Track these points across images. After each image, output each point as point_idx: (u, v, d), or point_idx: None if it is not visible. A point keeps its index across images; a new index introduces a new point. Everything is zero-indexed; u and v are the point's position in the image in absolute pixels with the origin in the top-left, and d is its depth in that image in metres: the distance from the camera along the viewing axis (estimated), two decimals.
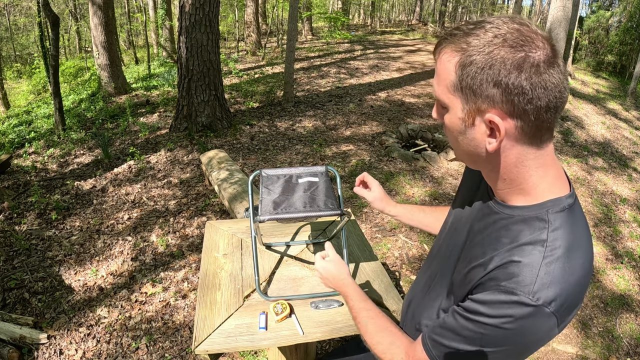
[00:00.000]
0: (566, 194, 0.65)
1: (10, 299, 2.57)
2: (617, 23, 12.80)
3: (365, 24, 22.81)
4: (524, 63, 0.56)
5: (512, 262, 0.61)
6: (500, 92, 0.57)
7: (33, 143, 5.28)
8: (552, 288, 0.58)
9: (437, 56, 0.65)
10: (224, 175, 3.44)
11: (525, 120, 0.58)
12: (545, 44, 0.57)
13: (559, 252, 0.60)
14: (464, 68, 0.60)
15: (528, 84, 0.56)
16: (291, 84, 6.54)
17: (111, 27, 7.41)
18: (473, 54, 0.58)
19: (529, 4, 29.08)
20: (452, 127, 0.67)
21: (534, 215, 0.64)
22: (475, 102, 0.60)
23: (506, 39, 0.57)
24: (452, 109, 0.64)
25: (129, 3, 14.33)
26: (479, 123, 0.62)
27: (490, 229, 0.70)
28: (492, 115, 0.59)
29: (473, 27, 0.60)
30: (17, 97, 13.06)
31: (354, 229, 1.72)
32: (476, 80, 0.59)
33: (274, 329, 1.20)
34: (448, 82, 0.63)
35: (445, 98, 0.65)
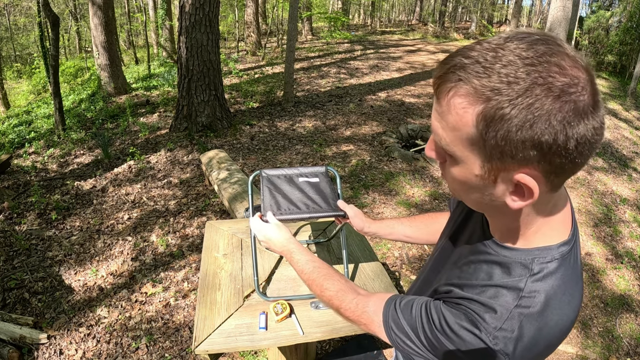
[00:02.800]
0: (561, 241, 0.57)
1: (10, 299, 2.57)
2: (617, 23, 12.80)
3: (365, 24, 22.81)
4: (572, 115, 0.43)
5: (483, 303, 0.57)
6: (539, 153, 0.45)
7: (33, 143, 5.28)
8: (513, 342, 0.53)
9: (442, 94, 0.49)
10: (224, 175, 3.44)
11: (560, 176, 0.48)
12: (587, 78, 0.45)
13: (535, 308, 0.54)
14: (490, 123, 0.45)
15: (574, 142, 0.44)
16: (291, 84, 6.54)
17: (111, 27, 7.41)
18: (504, 105, 0.44)
19: (529, 4, 29.09)
20: (463, 181, 0.55)
21: (519, 260, 0.58)
22: (502, 162, 0.48)
23: (550, 85, 0.43)
24: (465, 163, 0.52)
25: (129, 3, 14.33)
26: (502, 180, 0.51)
27: (474, 259, 0.65)
28: (523, 177, 0.48)
29: (494, 58, 0.45)
30: (17, 97, 13.06)
31: (354, 229, 1.72)
32: (508, 141, 0.45)
33: (274, 329, 1.20)
34: (463, 133, 0.49)
35: (458, 151, 0.52)
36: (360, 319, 0.75)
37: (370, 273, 1.47)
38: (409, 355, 0.65)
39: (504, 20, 22.72)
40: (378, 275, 1.47)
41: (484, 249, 0.64)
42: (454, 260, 0.72)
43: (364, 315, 0.75)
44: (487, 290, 0.58)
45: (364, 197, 3.78)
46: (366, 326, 0.74)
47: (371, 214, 3.53)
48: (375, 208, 3.62)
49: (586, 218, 3.90)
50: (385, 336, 0.69)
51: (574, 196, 4.28)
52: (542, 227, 0.57)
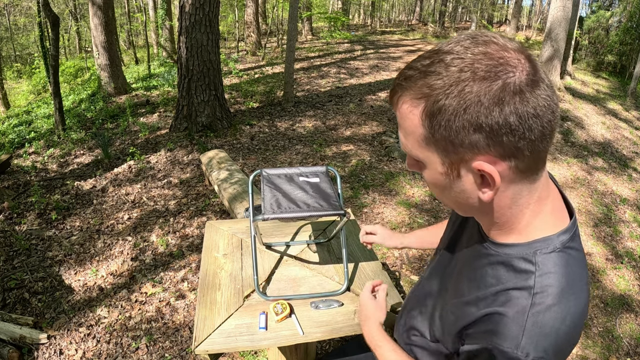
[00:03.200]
0: (560, 230, 0.58)
1: (10, 299, 2.57)
2: (617, 23, 12.80)
3: (365, 24, 22.81)
4: (504, 93, 0.46)
5: (497, 313, 0.56)
6: (484, 136, 0.48)
7: (33, 143, 5.28)
8: (541, 341, 0.52)
9: (395, 106, 0.55)
10: (224, 175, 3.44)
11: (519, 158, 0.50)
12: (520, 58, 0.48)
13: (548, 301, 0.53)
14: (432, 118, 0.50)
15: (515, 118, 0.46)
16: (291, 84, 6.54)
17: (111, 27, 7.41)
18: (440, 98, 0.48)
19: (529, 4, 29.09)
20: (434, 182, 0.58)
21: (521, 256, 0.57)
22: (456, 153, 0.51)
23: (475, 70, 0.47)
24: (430, 164, 0.55)
25: (129, 3, 14.33)
26: (465, 173, 0.53)
27: (477, 264, 0.64)
28: (480, 163, 0.50)
29: (430, 63, 0.50)
30: (17, 97, 13.06)
31: (354, 229, 1.72)
32: (451, 130, 0.49)
33: (274, 329, 1.20)
34: (417, 135, 0.53)
35: (419, 153, 0.55)
36: None
37: (370, 273, 1.47)
38: None
39: (504, 20, 22.72)
40: (378, 275, 1.47)
41: (484, 251, 0.64)
42: (459, 269, 0.71)
43: None
44: (499, 297, 0.57)
45: (364, 197, 3.78)
46: None
47: (371, 214, 3.53)
48: (375, 208, 3.62)
49: (586, 218, 3.90)
50: None
51: (574, 196, 4.28)
52: (533, 220, 0.57)
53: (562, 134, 5.99)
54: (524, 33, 19.86)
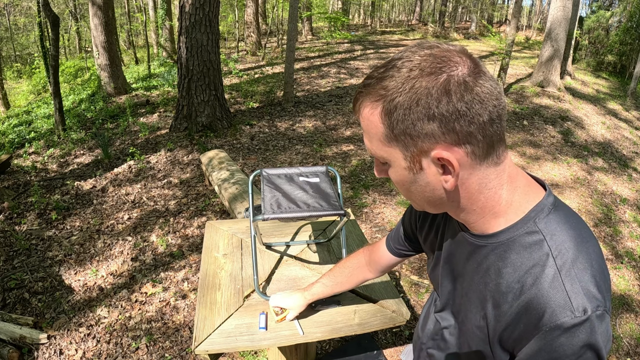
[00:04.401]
0: (543, 195, 0.60)
1: (10, 299, 2.57)
2: (617, 23, 12.81)
3: (365, 24, 22.81)
4: (450, 85, 0.51)
5: (532, 297, 0.54)
6: (437, 124, 0.52)
7: (33, 143, 5.28)
8: (587, 292, 0.52)
9: (357, 113, 0.59)
10: (224, 175, 3.44)
11: (474, 143, 0.53)
12: (462, 57, 0.53)
13: (569, 255, 0.54)
14: (390, 115, 0.54)
15: (462, 104, 0.51)
16: (291, 84, 6.54)
17: (111, 27, 7.41)
18: (394, 96, 0.53)
19: (529, 4, 29.09)
20: (401, 179, 0.60)
21: (523, 231, 0.58)
22: (415, 145, 0.54)
23: (422, 68, 0.52)
24: (394, 162, 0.59)
25: (129, 3, 14.33)
26: (427, 165, 0.56)
27: (486, 265, 0.62)
28: (438, 152, 0.53)
29: (384, 70, 0.55)
30: (17, 97, 13.06)
31: (354, 229, 1.72)
32: (408, 123, 0.53)
33: (274, 329, 1.20)
34: (379, 135, 0.57)
35: (383, 153, 0.59)
36: None
37: None
38: None
39: (504, 20, 22.72)
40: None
41: (484, 251, 0.62)
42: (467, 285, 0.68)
43: None
44: (524, 282, 0.56)
45: (364, 197, 3.78)
46: None
47: (371, 214, 3.53)
48: (375, 208, 3.62)
49: (586, 218, 3.90)
50: None
51: (574, 196, 4.28)
52: (513, 197, 0.59)
53: (562, 134, 5.99)
54: (524, 33, 19.87)
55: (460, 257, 0.70)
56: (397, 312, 1.30)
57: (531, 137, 5.72)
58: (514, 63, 10.30)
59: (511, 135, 5.68)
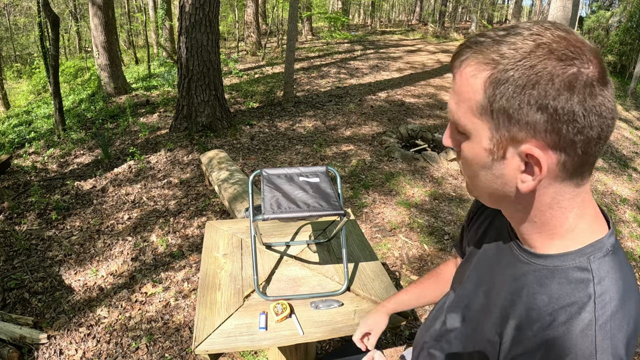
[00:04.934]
0: (606, 233, 0.54)
1: (10, 299, 2.57)
2: (617, 23, 12.81)
3: (365, 24, 22.81)
4: (577, 81, 0.44)
5: (560, 335, 0.51)
6: (545, 118, 0.45)
7: (33, 143, 5.28)
8: (615, 352, 0.49)
9: (456, 69, 0.52)
10: (224, 175, 3.44)
11: (570, 154, 0.47)
12: (594, 57, 0.46)
13: (611, 307, 0.50)
14: (496, 86, 0.47)
15: (581, 108, 0.44)
16: (291, 84, 6.54)
17: (111, 27, 7.42)
18: (509, 67, 0.46)
19: (529, 4, 29.09)
20: (474, 158, 0.54)
21: (574, 265, 0.53)
22: (509, 130, 0.48)
23: (552, 49, 0.45)
24: (476, 137, 0.52)
25: (129, 3, 14.33)
26: (511, 156, 0.50)
27: (521, 283, 0.58)
28: (531, 147, 0.47)
29: (506, 34, 0.48)
30: (17, 97, 13.06)
31: (354, 229, 1.72)
32: (514, 103, 0.46)
33: (274, 329, 1.20)
34: (473, 103, 0.50)
35: (468, 122, 0.52)
36: None
37: (370, 273, 1.47)
38: None
39: (504, 20, 22.73)
40: (378, 275, 1.47)
41: (525, 268, 0.58)
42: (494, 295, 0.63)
43: None
44: (557, 316, 0.52)
45: (364, 197, 3.78)
46: None
47: (371, 214, 3.53)
48: (375, 208, 3.62)
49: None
50: None
51: None
52: (578, 224, 0.54)
53: None
54: None
55: (495, 264, 0.65)
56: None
57: None
58: None
59: None
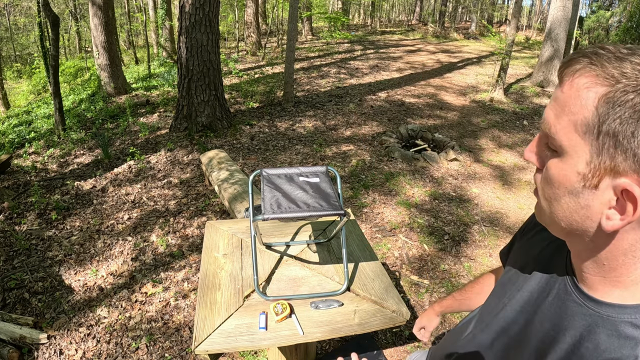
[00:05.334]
0: None
1: (10, 299, 2.57)
2: (617, 23, 12.81)
3: (365, 24, 22.81)
4: None
5: None
6: None
7: (33, 143, 5.28)
8: None
9: (567, 77, 0.47)
10: (224, 175, 3.44)
11: None
12: None
13: None
14: (612, 106, 0.42)
15: None
16: (291, 84, 6.54)
17: (111, 27, 7.42)
18: (630, 89, 0.41)
19: (529, 4, 29.09)
20: (562, 181, 0.49)
21: (629, 319, 0.48)
22: (613, 158, 0.43)
23: None
24: (571, 157, 0.47)
25: (129, 3, 14.33)
26: (604, 187, 0.45)
27: (568, 324, 0.54)
28: (631, 184, 0.43)
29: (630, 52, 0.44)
30: (17, 97, 13.06)
31: (354, 229, 1.72)
32: (627, 128, 0.41)
33: (274, 329, 1.20)
34: (578, 117, 0.45)
35: (566, 138, 0.47)
36: None
37: (370, 273, 1.47)
38: None
39: (504, 20, 22.73)
40: (378, 275, 1.47)
41: (577, 309, 0.54)
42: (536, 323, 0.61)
43: None
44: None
45: (364, 197, 3.78)
46: None
47: (371, 214, 3.53)
48: (375, 208, 3.62)
49: None
50: None
51: None
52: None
53: None
54: (524, 33, 19.87)
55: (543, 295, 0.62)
56: (397, 312, 1.30)
57: (531, 137, 5.72)
58: (514, 63, 10.29)
59: (511, 135, 5.68)
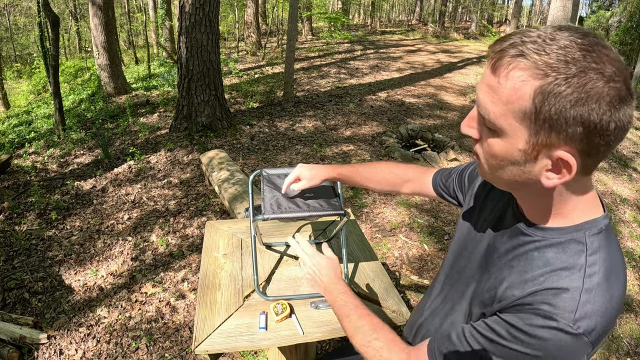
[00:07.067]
0: (602, 214, 0.61)
1: (10, 299, 2.57)
2: (617, 23, 12.81)
3: (365, 24, 22.81)
4: (618, 100, 0.48)
5: (549, 289, 0.57)
6: (584, 131, 0.49)
7: (33, 143, 5.28)
8: (593, 317, 0.54)
9: (501, 69, 0.52)
10: (224, 175, 3.44)
11: (592, 158, 0.53)
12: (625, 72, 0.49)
13: (597, 278, 0.55)
14: (546, 97, 0.49)
15: (614, 124, 0.49)
16: (291, 84, 6.54)
17: (111, 27, 7.42)
18: (561, 83, 0.48)
19: (529, 4, 29.09)
20: (504, 155, 0.57)
21: (570, 238, 0.59)
22: (549, 137, 0.52)
23: (603, 70, 0.48)
24: (511, 137, 0.55)
25: (129, 3, 14.32)
26: (542, 157, 0.54)
27: (521, 251, 0.64)
28: (564, 154, 0.51)
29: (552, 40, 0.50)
30: (17, 97, 13.06)
31: (354, 229, 1.72)
32: (561, 116, 0.49)
33: (274, 329, 1.20)
34: (516, 106, 0.52)
35: (505, 123, 0.54)
36: None
37: (370, 273, 1.47)
38: None
39: (504, 20, 22.73)
40: (378, 275, 1.47)
41: (527, 238, 0.64)
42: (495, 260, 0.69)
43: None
44: (549, 277, 0.58)
45: (364, 197, 3.78)
46: None
47: (371, 214, 3.53)
48: (375, 208, 3.62)
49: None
50: None
51: None
52: (578, 205, 0.60)
53: None
54: None
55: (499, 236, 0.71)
56: (397, 312, 1.30)
57: None
58: None
59: None
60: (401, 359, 0.74)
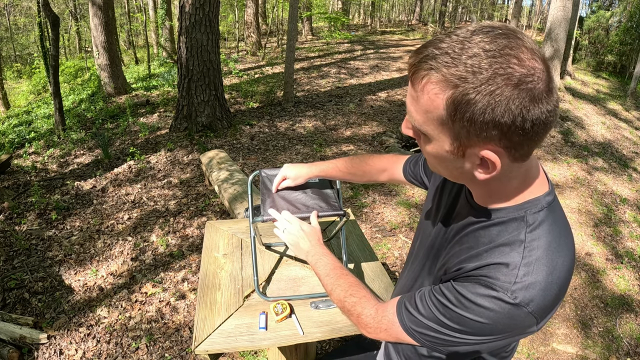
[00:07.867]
0: (545, 192, 0.64)
1: (10, 299, 2.57)
2: (617, 23, 12.80)
3: (365, 24, 22.81)
4: (529, 102, 0.50)
5: (492, 264, 0.61)
6: (500, 132, 0.52)
7: (33, 143, 5.28)
8: (531, 289, 0.57)
9: (415, 82, 0.55)
10: (224, 175, 3.44)
11: (518, 149, 0.55)
12: (544, 69, 0.51)
13: (538, 253, 0.59)
14: (458, 106, 0.52)
15: (530, 123, 0.51)
16: (291, 84, 6.54)
17: (111, 27, 7.42)
18: (469, 92, 0.50)
19: (529, 4, 29.09)
20: (437, 155, 0.62)
21: (512, 217, 0.63)
22: (469, 139, 0.55)
23: (509, 76, 0.49)
24: (437, 141, 0.59)
25: (129, 3, 14.32)
26: (469, 155, 0.57)
27: (469, 230, 0.69)
28: (487, 152, 0.55)
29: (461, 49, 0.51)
30: (17, 97, 13.06)
31: (354, 229, 1.72)
32: (474, 123, 0.52)
33: (274, 329, 1.20)
34: (434, 115, 0.55)
35: (429, 129, 0.58)
36: (381, 324, 0.77)
37: (370, 273, 1.47)
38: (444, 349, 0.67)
39: (504, 20, 22.71)
40: (378, 275, 1.47)
41: (475, 219, 0.69)
42: (449, 238, 0.75)
43: (384, 320, 0.76)
44: (492, 253, 0.62)
45: (364, 198, 3.78)
46: (387, 332, 0.75)
47: (371, 214, 3.53)
48: (375, 208, 3.62)
49: (586, 218, 3.90)
50: (410, 339, 0.71)
51: (574, 196, 4.28)
52: (521, 186, 0.64)
53: (562, 134, 5.99)
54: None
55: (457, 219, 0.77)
56: None
57: None
58: None
59: None
60: (371, 313, 0.80)
